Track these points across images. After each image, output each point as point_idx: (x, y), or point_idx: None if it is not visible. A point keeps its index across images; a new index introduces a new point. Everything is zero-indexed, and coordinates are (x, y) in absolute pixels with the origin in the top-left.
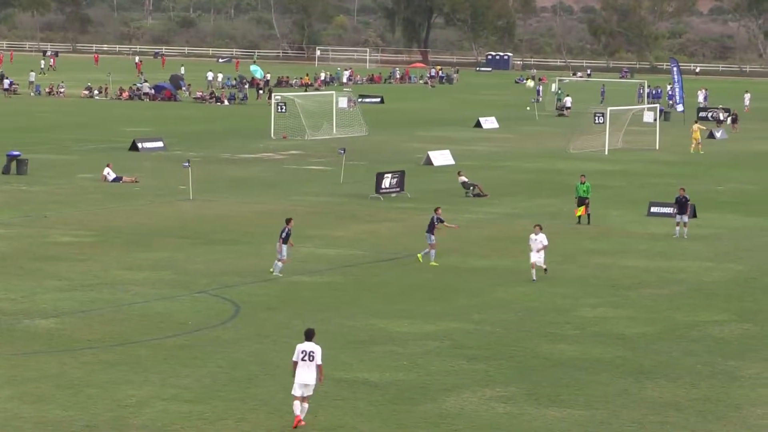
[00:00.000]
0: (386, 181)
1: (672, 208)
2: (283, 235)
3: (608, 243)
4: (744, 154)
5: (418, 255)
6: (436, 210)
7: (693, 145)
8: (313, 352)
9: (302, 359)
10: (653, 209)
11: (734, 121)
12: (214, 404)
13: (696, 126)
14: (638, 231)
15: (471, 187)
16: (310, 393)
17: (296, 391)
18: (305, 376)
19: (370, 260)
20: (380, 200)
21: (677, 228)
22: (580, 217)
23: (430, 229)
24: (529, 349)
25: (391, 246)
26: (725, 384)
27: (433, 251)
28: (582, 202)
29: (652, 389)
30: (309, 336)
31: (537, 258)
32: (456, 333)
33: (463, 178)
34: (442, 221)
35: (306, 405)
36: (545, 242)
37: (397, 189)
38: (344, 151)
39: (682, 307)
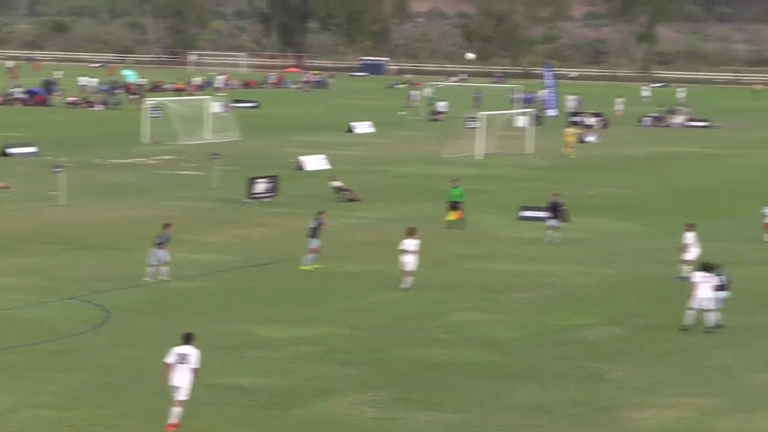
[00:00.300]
0: (259, 186)
1: (545, 213)
2: (159, 240)
3: (480, 247)
4: (615, 158)
5: (314, 265)
6: (320, 214)
7: (565, 149)
8: (188, 356)
9: (177, 362)
10: (524, 213)
11: (605, 125)
12: (85, 410)
13: (569, 130)
14: (510, 235)
15: (344, 192)
16: (182, 396)
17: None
18: (177, 379)
19: (243, 265)
20: (253, 205)
21: (548, 232)
22: (451, 221)
23: (314, 233)
24: (402, 354)
25: (263, 251)
26: (594, 387)
27: (312, 255)
28: (455, 206)
29: (522, 393)
30: (187, 340)
31: (409, 263)
32: (329, 338)
33: (337, 183)
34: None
35: (179, 409)
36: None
37: (271, 194)
38: (218, 155)
39: (553, 311)
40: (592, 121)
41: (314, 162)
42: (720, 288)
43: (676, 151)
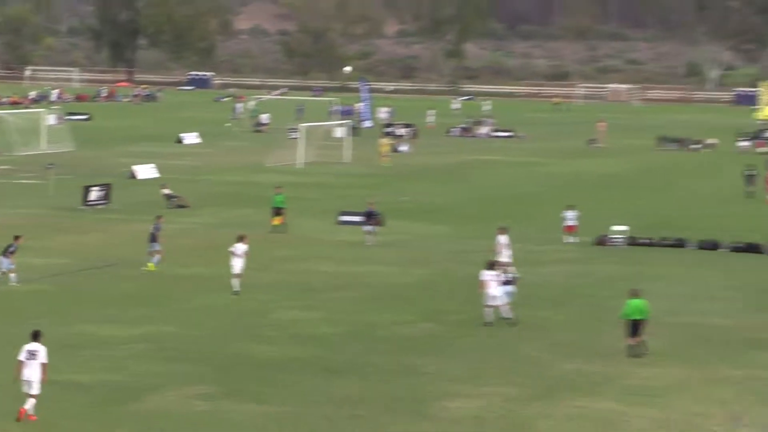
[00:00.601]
0: (93, 194)
1: (361, 218)
2: (9, 249)
3: (302, 250)
4: (427, 167)
5: (149, 265)
6: (158, 218)
7: (381, 158)
8: (37, 351)
9: (27, 358)
10: (343, 218)
11: (415, 135)
12: None
13: (382, 140)
14: (330, 239)
15: (173, 199)
16: (35, 390)
17: (24, 388)
18: (28, 374)
19: (79, 269)
20: (88, 212)
21: (367, 236)
22: (276, 226)
23: (154, 237)
24: (229, 350)
25: (98, 255)
26: (410, 379)
27: (157, 257)
28: (278, 212)
29: (343, 385)
30: (35, 337)
31: (237, 267)
32: (161, 336)
33: (166, 191)
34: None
35: (32, 400)
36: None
37: (104, 201)
38: (53, 165)
39: (371, 308)
40: (402, 131)
41: (145, 171)
42: (507, 283)
43: (483, 160)
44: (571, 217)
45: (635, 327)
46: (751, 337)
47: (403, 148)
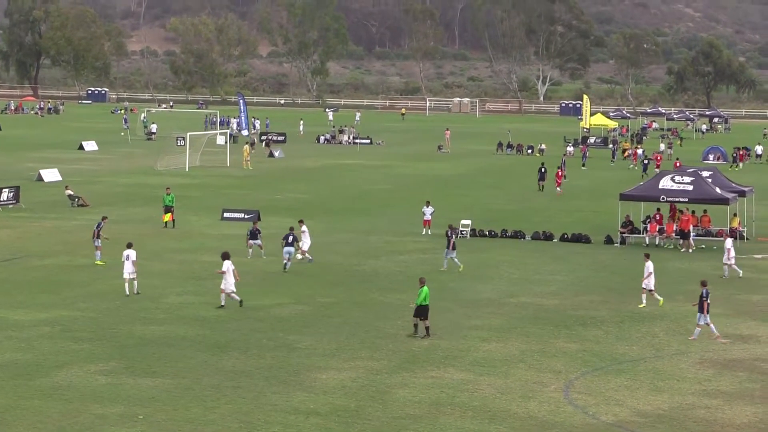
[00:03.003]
0: (3, 195)
1: (243, 213)
2: None
3: (189, 242)
4: (297, 169)
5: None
6: (103, 219)
7: (244, 162)
8: None
9: None
10: (226, 215)
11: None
12: None
13: (245, 147)
14: (214, 233)
15: (75, 199)
16: None
17: None
18: None
19: None
20: None
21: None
22: (166, 222)
23: (97, 235)
24: (126, 331)
25: (7, 249)
26: (286, 354)
27: (98, 252)
28: (168, 210)
29: (227, 360)
30: None
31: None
32: (65, 319)
33: (69, 192)
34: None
35: None
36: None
37: (14, 201)
38: None
39: (250, 293)
40: (277, 138)
41: (50, 174)
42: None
43: (345, 163)
44: (428, 212)
45: (424, 311)
46: (581, 314)
47: (277, 153)
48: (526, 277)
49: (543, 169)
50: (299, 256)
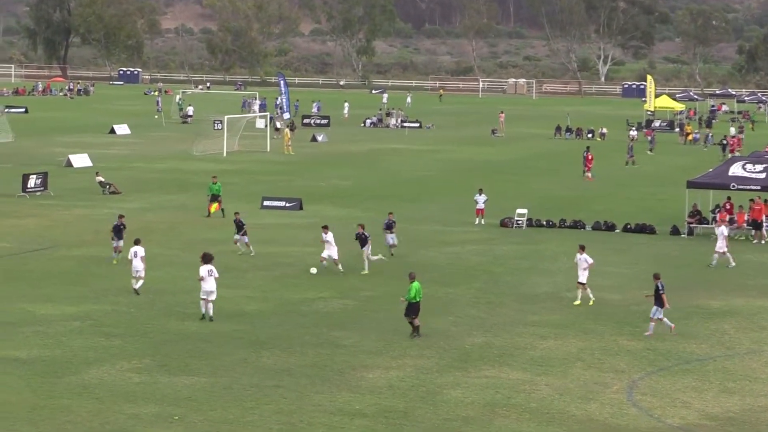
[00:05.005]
0: (31, 181)
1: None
2: None
3: (227, 232)
4: (341, 154)
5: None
6: (120, 217)
7: (285, 147)
8: None
9: None
10: (266, 203)
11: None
12: None
13: (286, 131)
14: (253, 222)
15: (107, 186)
16: None
17: None
18: None
19: (17, 251)
20: (26, 198)
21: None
22: (211, 212)
23: (117, 231)
24: (160, 326)
25: (35, 238)
26: (330, 351)
27: (115, 254)
28: (215, 198)
29: (267, 357)
30: None
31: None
32: (95, 314)
33: (100, 178)
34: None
35: None
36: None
37: (42, 188)
38: None
39: (292, 286)
40: (321, 122)
41: (80, 160)
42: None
43: (393, 148)
44: (480, 200)
45: (416, 308)
46: (644, 310)
47: (321, 137)
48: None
49: (588, 155)
50: (324, 264)
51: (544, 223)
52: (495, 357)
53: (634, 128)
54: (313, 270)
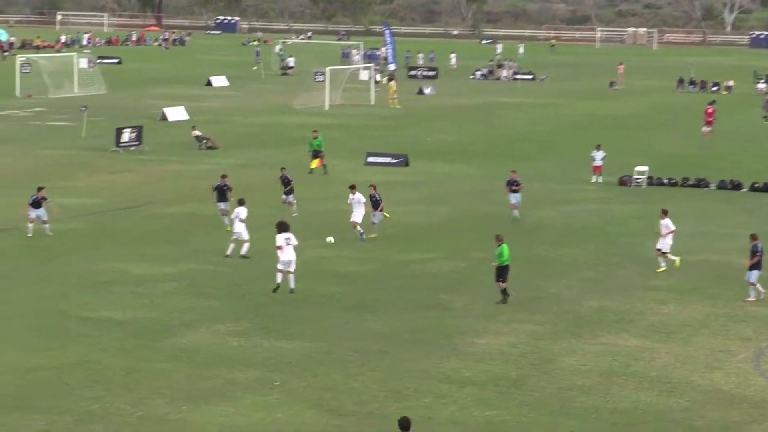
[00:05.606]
0: (125, 135)
1: (389, 158)
2: (30, 201)
3: (329, 190)
4: (449, 108)
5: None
6: (223, 177)
7: (389, 101)
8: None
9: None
10: (370, 159)
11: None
12: None
13: (391, 83)
14: (357, 179)
15: (203, 140)
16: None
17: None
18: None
19: (111, 208)
20: (120, 153)
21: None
22: (313, 169)
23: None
24: (259, 288)
25: (130, 195)
26: (438, 315)
27: (226, 218)
28: (317, 154)
29: (371, 321)
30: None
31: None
32: (192, 274)
33: (197, 132)
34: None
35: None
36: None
37: (136, 143)
38: (85, 107)
39: (398, 246)
40: (428, 74)
41: (175, 113)
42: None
43: (504, 102)
44: (598, 157)
45: (504, 272)
46: None
47: (428, 90)
48: (709, 231)
49: (708, 109)
50: (360, 231)
51: (666, 181)
52: (612, 322)
53: (762, 81)
54: (330, 239)
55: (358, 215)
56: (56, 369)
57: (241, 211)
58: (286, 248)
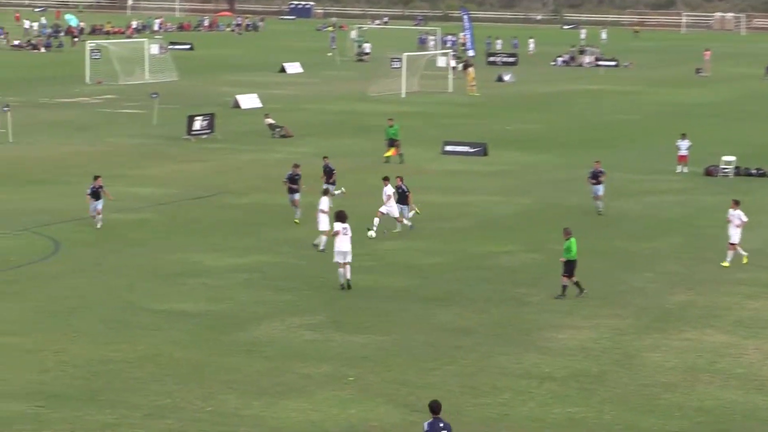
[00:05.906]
0: (197, 123)
1: (467, 147)
2: (89, 191)
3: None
4: (529, 96)
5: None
6: (295, 166)
7: (468, 88)
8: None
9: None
10: (447, 148)
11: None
12: (35, 336)
13: (469, 70)
14: (434, 168)
15: (277, 129)
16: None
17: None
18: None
19: (182, 198)
20: (191, 141)
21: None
22: (388, 157)
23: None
24: (332, 280)
25: (201, 185)
26: (515, 309)
27: (297, 209)
28: (392, 143)
29: (446, 315)
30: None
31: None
32: (264, 266)
33: (270, 120)
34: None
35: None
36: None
37: (208, 131)
38: (157, 95)
39: (475, 238)
40: (508, 60)
41: (248, 100)
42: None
43: (586, 89)
44: (683, 146)
45: (570, 267)
46: None
47: (507, 77)
48: None
49: None
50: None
51: (754, 171)
52: (698, 317)
53: None
54: (371, 233)
55: (393, 208)
56: (126, 362)
57: (323, 201)
58: (343, 237)
